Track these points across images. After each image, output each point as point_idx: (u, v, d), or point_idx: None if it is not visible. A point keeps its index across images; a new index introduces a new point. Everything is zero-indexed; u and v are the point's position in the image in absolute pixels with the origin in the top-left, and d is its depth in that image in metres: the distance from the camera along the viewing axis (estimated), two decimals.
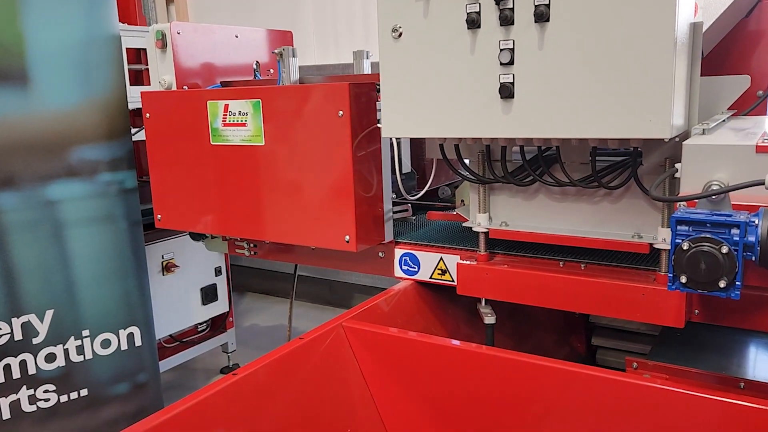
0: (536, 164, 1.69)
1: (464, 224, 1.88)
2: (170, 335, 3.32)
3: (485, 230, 1.82)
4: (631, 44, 1.34)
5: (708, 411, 1.30)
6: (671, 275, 1.18)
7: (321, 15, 4.34)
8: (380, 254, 2.07)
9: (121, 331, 2.53)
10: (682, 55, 1.41)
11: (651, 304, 1.56)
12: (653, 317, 1.57)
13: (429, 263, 1.99)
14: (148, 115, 2.23)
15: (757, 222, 1.10)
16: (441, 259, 1.96)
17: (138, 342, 2.57)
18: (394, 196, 2.07)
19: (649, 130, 1.36)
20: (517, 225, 1.80)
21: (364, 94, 1.85)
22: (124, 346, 2.54)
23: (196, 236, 2.45)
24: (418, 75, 1.61)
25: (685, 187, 1.32)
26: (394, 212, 2.05)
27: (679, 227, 1.18)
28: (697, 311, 1.60)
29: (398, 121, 1.66)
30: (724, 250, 1.12)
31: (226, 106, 2.02)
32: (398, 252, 2.04)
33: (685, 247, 1.15)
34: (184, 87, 2.31)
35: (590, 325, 2.33)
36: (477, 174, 1.77)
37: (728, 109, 1.93)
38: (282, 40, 2.74)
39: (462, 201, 2.09)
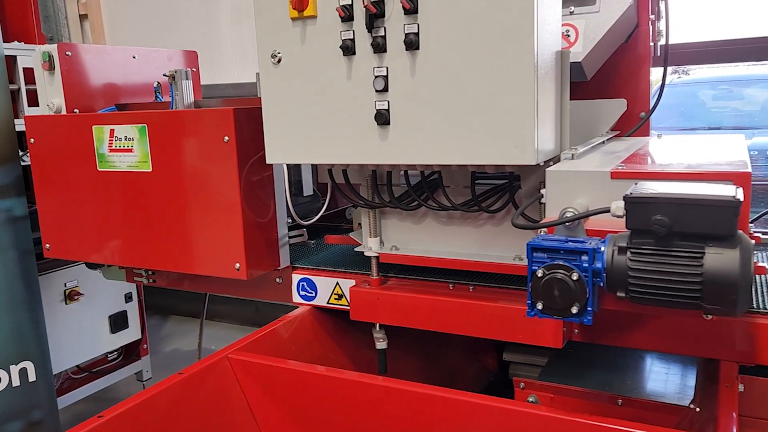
0: (422, 189, 1.70)
1: (356, 249, 1.87)
2: (77, 366, 3.18)
3: (376, 255, 1.81)
4: (494, 74, 1.36)
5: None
6: (529, 302, 1.20)
7: (238, 32, 4.29)
8: (277, 280, 2.03)
9: (12, 367, 2.40)
10: (547, 82, 1.44)
11: (531, 325, 1.58)
12: (533, 338, 1.59)
13: (326, 288, 1.97)
14: (32, 140, 2.13)
15: (603, 248, 1.13)
16: (337, 283, 1.94)
17: (32, 377, 2.44)
18: (290, 220, 2.05)
19: (515, 156, 1.38)
20: (407, 249, 1.80)
21: (253, 118, 1.81)
22: (16, 382, 2.41)
23: (92, 265, 2.36)
24: (297, 101, 1.59)
25: (549, 213, 1.34)
26: (289, 237, 2.02)
27: (535, 254, 1.19)
28: (577, 331, 1.64)
29: (280, 147, 1.64)
30: (575, 276, 1.14)
31: (112, 131, 1.96)
32: (295, 277, 2.01)
33: (539, 275, 1.17)
34: (75, 110, 2.22)
35: (501, 341, 2.35)
36: (365, 199, 1.77)
37: (612, 130, 2.00)
38: (187, 60, 2.68)
39: (359, 224, 2.08)
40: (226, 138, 1.77)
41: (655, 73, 2.13)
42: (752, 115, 6.85)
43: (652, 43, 2.05)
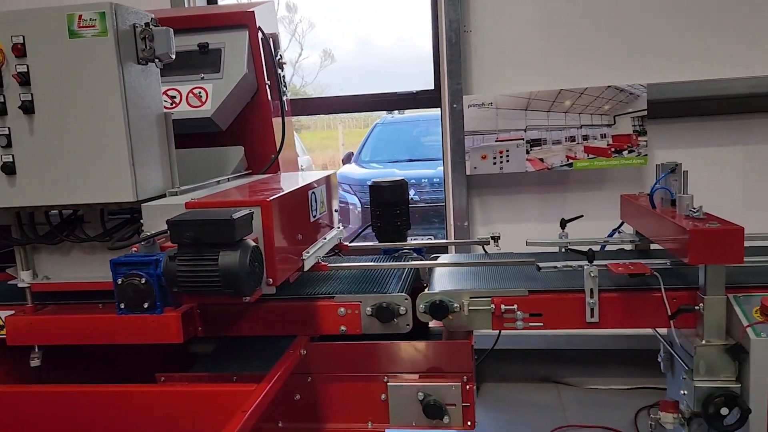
0: (67, 224, 2.02)
1: (9, 282, 2.11)
2: None
3: (28, 285, 2.08)
4: (96, 135, 1.77)
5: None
6: (117, 303, 1.60)
7: None
8: None
9: None
10: (148, 137, 1.89)
11: (158, 328, 1.98)
12: (161, 338, 2.00)
13: None
14: None
15: (161, 259, 1.59)
16: None
17: None
18: None
19: (117, 196, 1.79)
20: (58, 277, 2.10)
21: None
22: None
23: None
24: None
25: None
26: None
27: (118, 268, 1.61)
28: (200, 328, 2.08)
29: None
30: (143, 281, 1.58)
31: None
32: None
33: (119, 282, 1.59)
34: None
35: None
36: (14, 237, 2.03)
37: (246, 169, 2.53)
38: None
39: None
40: None
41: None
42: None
43: (274, 101, 2.64)
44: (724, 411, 1.75)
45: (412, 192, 6.71)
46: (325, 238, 2.30)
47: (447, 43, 3.44)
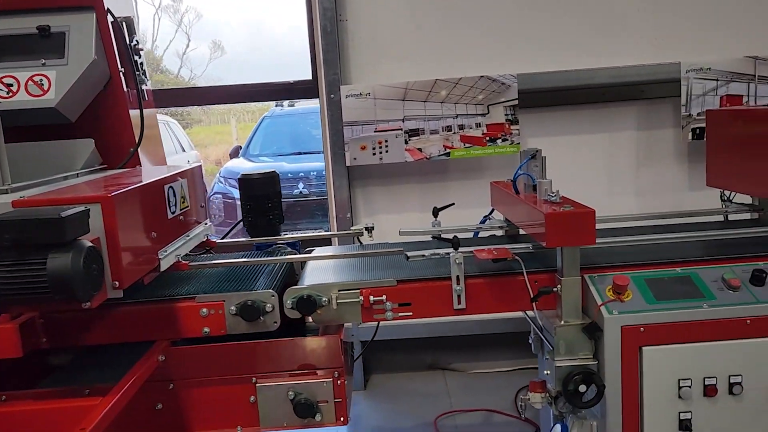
0: None
1: None
2: None
3: None
4: None
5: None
6: None
7: None
8: None
9: None
10: None
11: None
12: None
13: None
14: None
15: None
16: None
17: None
18: None
19: None
20: None
21: None
22: None
23: None
24: None
25: None
26: None
27: None
28: (45, 339, 1.89)
29: None
30: None
31: None
32: None
33: None
34: None
35: None
36: None
37: (101, 164, 2.33)
38: None
39: None
40: None
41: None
42: None
43: (131, 90, 2.45)
44: (582, 388, 1.81)
45: (301, 185, 6.61)
46: (188, 236, 2.17)
47: (322, 32, 3.36)
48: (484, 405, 3.24)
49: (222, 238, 2.56)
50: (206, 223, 2.38)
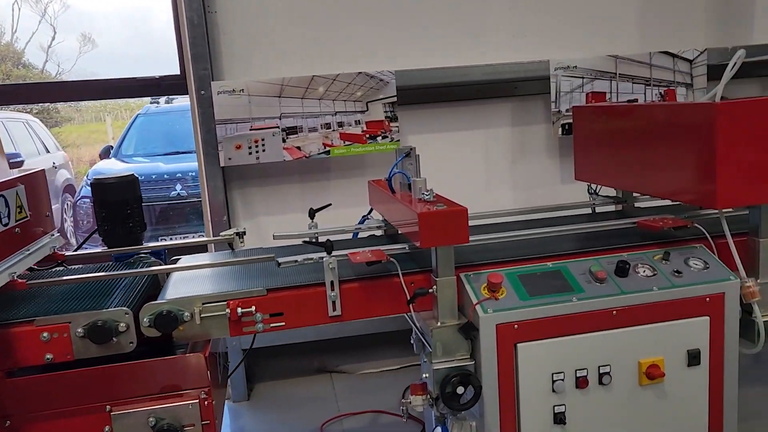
0: None
1: None
2: None
3: None
4: None
5: None
6: None
7: None
8: None
9: None
10: None
11: None
12: None
13: None
14: None
15: None
16: None
17: None
18: None
19: None
20: None
21: None
22: None
23: None
24: None
25: None
26: None
27: None
28: None
29: None
30: None
31: None
32: None
33: None
34: None
35: None
36: None
37: None
38: None
39: None
40: None
41: None
42: None
43: None
44: (459, 390, 1.78)
45: (178, 187, 6.25)
46: (28, 250, 1.92)
47: (189, 24, 3.14)
48: (372, 406, 3.19)
49: (75, 250, 2.31)
50: (53, 234, 2.13)
